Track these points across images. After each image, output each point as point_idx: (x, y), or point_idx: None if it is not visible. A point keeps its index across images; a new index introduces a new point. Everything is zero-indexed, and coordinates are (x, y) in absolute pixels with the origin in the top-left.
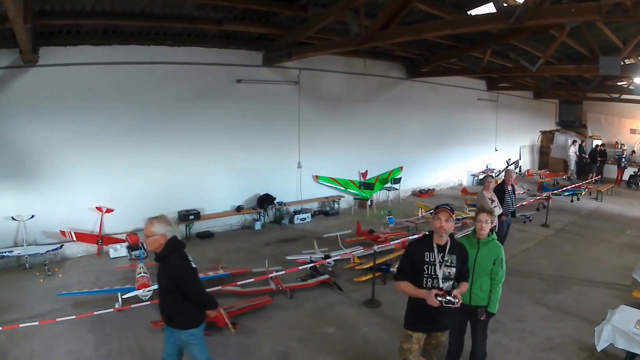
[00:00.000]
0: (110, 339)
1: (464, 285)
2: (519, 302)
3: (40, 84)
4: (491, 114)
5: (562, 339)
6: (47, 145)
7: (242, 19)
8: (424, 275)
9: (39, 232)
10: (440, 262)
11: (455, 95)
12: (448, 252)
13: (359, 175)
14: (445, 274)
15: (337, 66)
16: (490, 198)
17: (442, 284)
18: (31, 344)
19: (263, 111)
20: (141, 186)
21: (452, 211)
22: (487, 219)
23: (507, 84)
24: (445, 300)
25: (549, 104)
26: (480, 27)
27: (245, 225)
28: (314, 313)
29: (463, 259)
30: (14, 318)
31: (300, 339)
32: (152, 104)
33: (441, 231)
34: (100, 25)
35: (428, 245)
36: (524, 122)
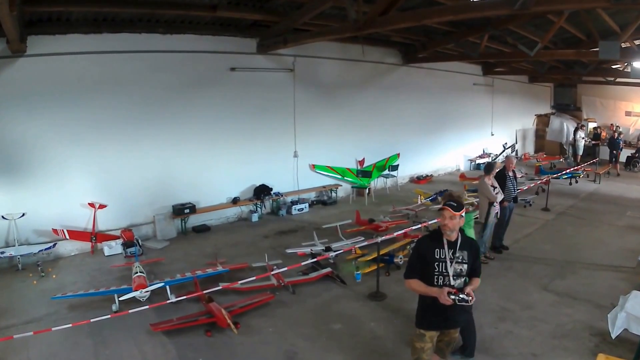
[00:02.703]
0: (109, 344)
1: (476, 281)
2: (526, 288)
3: (28, 74)
4: (487, 99)
5: (573, 325)
6: (37, 139)
7: (237, 5)
8: (434, 273)
9: (30, 231)
10: (451, 259)
11: (452, 81)
12: (459, 249)
13: (356, 163)
14: (456, 271)
15: (332, 53)
16: (491, 184)
17: (454, 281)
18: (27, 352)
19: (258, 99)
20: (134, 180)
21: (459, 207)
22: None
23: (503, 68)
24: (459, 299)
25: (544, 87)
26: (484, 13)
27: (242, 218)
28: (318, 308)
29: (474, 254)
30: (8, 324)
31: (306, 337)
32: (144, 94)
33: (446, 229)
34: (90, 13)
35: (438, 242)
36: (520, 106)
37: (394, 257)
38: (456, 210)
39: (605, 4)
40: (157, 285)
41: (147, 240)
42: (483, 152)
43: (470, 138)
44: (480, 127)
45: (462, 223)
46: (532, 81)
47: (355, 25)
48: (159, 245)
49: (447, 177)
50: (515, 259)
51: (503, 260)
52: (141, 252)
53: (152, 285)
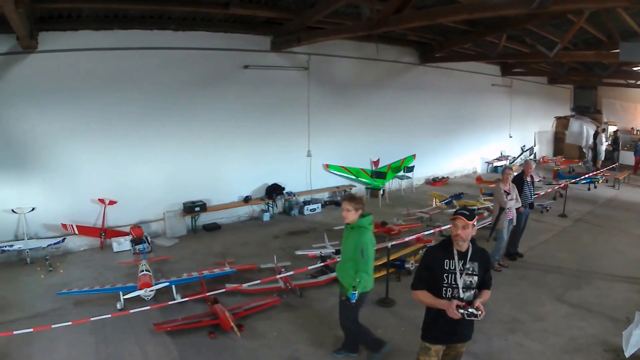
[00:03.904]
0: (111, 342)
1: (487, 294)
2: (539, 298)
3: (39, 70)
4: (505, 100)
5: (586, 340)
6: (48, 134)
7: (249, 2)
8: (443, 285)
9: (39, 225)
10: (461, 271)
11: (469, 81)
12: (470, 260)
13: (370, 164)
14: (466, 283)
15: (347, 51)
16: (507, 191)
17: (463, 294)
18: (30, 347)
19: (271, 98)
20: (145, 177)
21: (472, 216)
22: (349, 207)
23: (522, 69)
24: (468, 313)
25: (564, 89)
26: (500, 12)
27: (253, 217)
28: (324, 313)
29: (486, 266)
30: (12, 318)
31: (310, 342)
32: (155, 91)
33: (458, 239)
34: (101, 9)
35: (448, 252)
36: (539, 107)
37: (405, 262)
38: (469, 219)
39: (626, 4)
40: (162, 284)
41: (156, 238)
42: (501, 155)
43: (488, 140)
44: (498, 128)
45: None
46: (551, 82)
47: (368, 24)
48: (168, 242)
49: (464, 179)
50: (529, 267)
51: (517, 268)
52: (150, 250)
53: (157, 285)
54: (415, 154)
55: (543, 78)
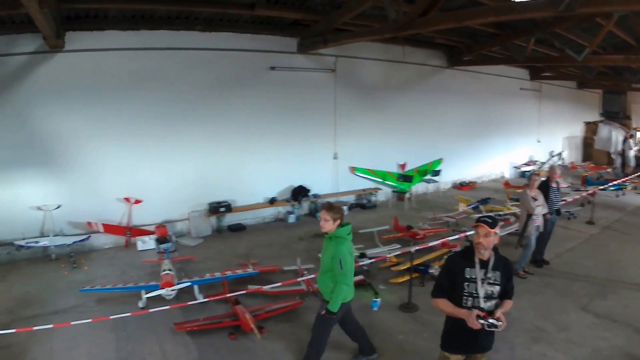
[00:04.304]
0: (132, 340)
1: (508, 304)
2: (564, 307)
3: (66, 69)
4: (534, 104)
5: (610, 351)
6: (74, 133)
7: (275, 4)
8: (463, 293)
9: (65, 223)
10: (482, 280)
11: (498, 85)
12: (491, 269)
13: (397, 167)
14: (487, 293)
15: (375, 53)
16: (534, 197)
17: (484, 304)
18: (51, 342)
19: (298, 100)
20: (170, 177)
21: (494, 224)
22: (326, 216)
23: (551, 73)
24: (488, 324)
25: (593, 94)
26: (526, 15)
27: (278, 218)
28: None
29: (508, 275)
30: (35, 313)
31: (330, 346)
32: (181, 92)
33: (480, 247)
34: (128, 10)
35: (469, 261)
36: (567, 112)
37: (429, 267)
38: (492, 227)
39: None
40: (184, 284)
41: (181, 237)
42: (529, 160)
43: (516, 144)
44: (527, 133)
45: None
46: (580, 87)
47: (395, 26)
48: (193, 242)
49: (491, 184)
50: (555, 274)
51: (543, 275)
52: (174, 249)
53: (178, 284)
54: (442, 157)
55: (572, 82)
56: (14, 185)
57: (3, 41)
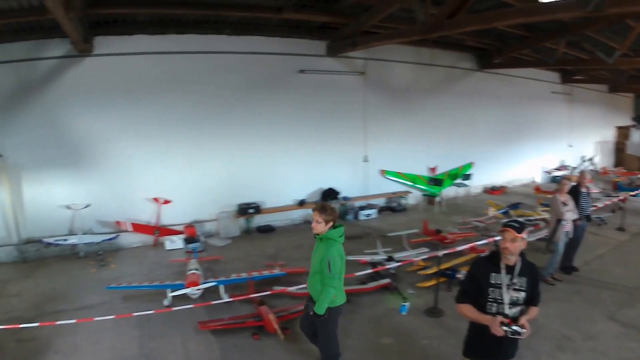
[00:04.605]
0: (155, 337)
1: (534, 312)
2: (592, 316)
3: (95, 73)
4: (565, 108)
5: None
6: (102, 134)
7: (303, 7)
8: (488, 299)
9: (94, 221)
10: (507, 285)
11: (528, 88)
12: (518, 274)
13: (427, 171)
14: (512, 299)
15: (404, 56)
16: (564, 202)
17: (508, 310)
18: (75, 337)
19: (327, 102)
20: (199, 178)
21: (522, 228)
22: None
23: (582, 76)
24: (512, 331)
25: (625, 98)
26: (555, 16)
27: (307, 220)
28: (370, 320)
29: (534, 281)
30: (61, 309)
31: (353, 349)
32: (210, 95)
33: (506, 252)
34: (156, 15)
35: (495, 265)
36: (599, 116)
37: (457, 272)
38: (519, 232)
39: None
40: (210, 284)
41: (209, 238)
42: (560, 165)
43: (547, 149)
44: (558, 137)
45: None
46: (612, 91)
47: (423, 28)
48: (221, 243)
49: (522, 189)
50: (583, 282)
51: (571, 282)
52: (202, 249)
53: (204, 284)
54: (473, 161)
55: (603, 86)
56: (44, 184)
57: (32, 46)
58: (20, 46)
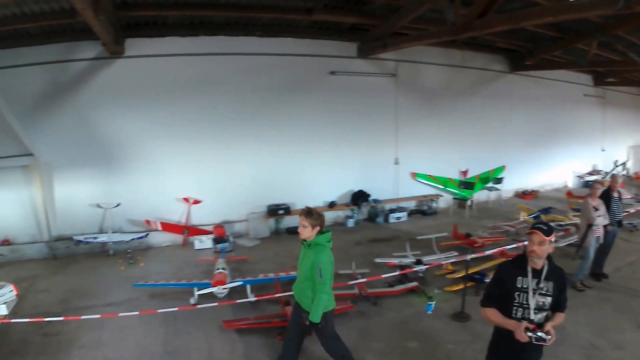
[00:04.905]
0: (180, 335)
1: (560, 318)
2: (621, 325)
3: (126, 74)
4: (598, 111)
5: None
6: (134, 135)
7: (333, 9)
8: (513, 304)
9: (124, 220)
10: (534, 290)
11: (560, 91)
12: (544, 279)
13: (459, 174)
14: (538, 304)
15: (436, 58)
16: (595, 207)
17: (534, 315)
18: (100, 333)
19: (358, 104)
20: (230, 178)
21: (550, 231)
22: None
23: (614, 79)
24: (536, 337)
25: None
26: (584, 14)
27: (337, 222)
28: (396, 323)
29: (561, 286)
30: (88, 304)
31: (377, 352)
32: (241, 96)
33: (533, 255)
34: (186, 17)
35: (522, 269)
36: (632, 120)
37: (485, 276)
38: (547, 235)
39: None
40: (236, 283)
41: (238, 238)
42: (593, 169)
43: (580, 153)
44: (590, 141)
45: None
46: None
47: (453, 29)
48: (250, 243)
49: (554, 193)
50: (613, 289)
51: (601, 289)
52: (231, 249)
53: (231, 283)
54: (504, 165)
55: (637, 89)
56: (75, 182)
57: (65, 48)
58: (53, 48)
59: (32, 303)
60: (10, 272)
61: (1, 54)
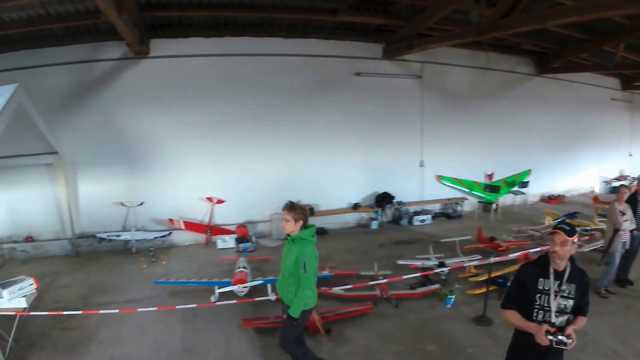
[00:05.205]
0: (199, 332)
1: (581, 321)
2: None
3: (151, 74)
4: (626, 116)
5: None
6: (158, 134)
7: (357, 9)
8: (534, 306)
9: (147, 219)
10: (555, 292)
11: (587, 94)
12: (566, 281)
13: (484, 177)
14: (560, 307)
15: (461, 60)
16: (622, 211)
17: (555, 318)
18: (119, 328)
19: (384, 106)
20: (253, 178)
21: (572, 232)
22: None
23: None
24: (557, 340)
25: None
26: (610, 12)
27: (361, 224)
28: (417, 326)
29: (583, 288)
30: (109, 300)
31: (397, 354)
32: (266, 97)
33: (555, 256)
34: (211, 17)
35: (544, 271)
36: None
37: (508, 280)
38: (569, 235)
39: None
40: (257, 282)
41: (262, 238)
42: (620, 174)
43: (607, 158)
44: (618, 146)
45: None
46: None
47: (477, 29)
48: (273, 243)
49: (580, 198)
50: (638, 296)
51: (625, 296)
52: (253, 249)
53: (251, 282)
54: (531, 168)
55: None
56: (99, 181)
57: (90, 48)
58: (78, 49)
59: (53, 298)
60: (32, 268)
61: (28, 55)
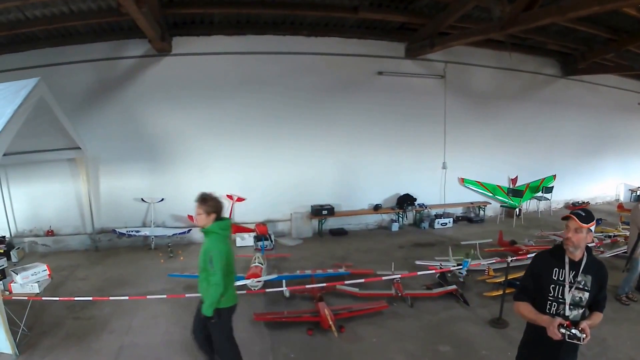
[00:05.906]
0: None
1: (597, 317)
2: None
3: (173, 72)
4: None
5: None
6: (180, 132)
7: (379, 7)
8: (548, 297)
9: (167, 215)
10: (570, 283)
11: (614, 98)
12: (582, 272)
13: (508, 181)
14: (574, 299)
15: (484, 60)
16: None
17: (569, 312)
18: (131, 319)
19: (406, 106)
20: (274, 177)
21: (588, 219)
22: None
23: None
24: (570, 334)
25: None
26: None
27: (381, 226)
28: (431, 326)
29: (601, 281)
30: (125, 292)
31: (408, 354)
32: (287, 95)
33: (568, 243)
34: (233, 15)
35: (559, 260)
36: None
37: None
38: (584, 222)
39: None
40: (271, 277)
41: (281, 237)
42: None
43: (633, 165)
44: None
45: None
46: None
47: (499, 24)
48: (292, 242)
49: (605, 206)
50: None
51: None
52: (272, 247)
53: (265, 277)
54: (555, 174)
55: None
56: (120, 176)
57: (113, 46)
58: (101, 46)
59: (69, 289)
60: (52, 261)
61: (52, 52)
